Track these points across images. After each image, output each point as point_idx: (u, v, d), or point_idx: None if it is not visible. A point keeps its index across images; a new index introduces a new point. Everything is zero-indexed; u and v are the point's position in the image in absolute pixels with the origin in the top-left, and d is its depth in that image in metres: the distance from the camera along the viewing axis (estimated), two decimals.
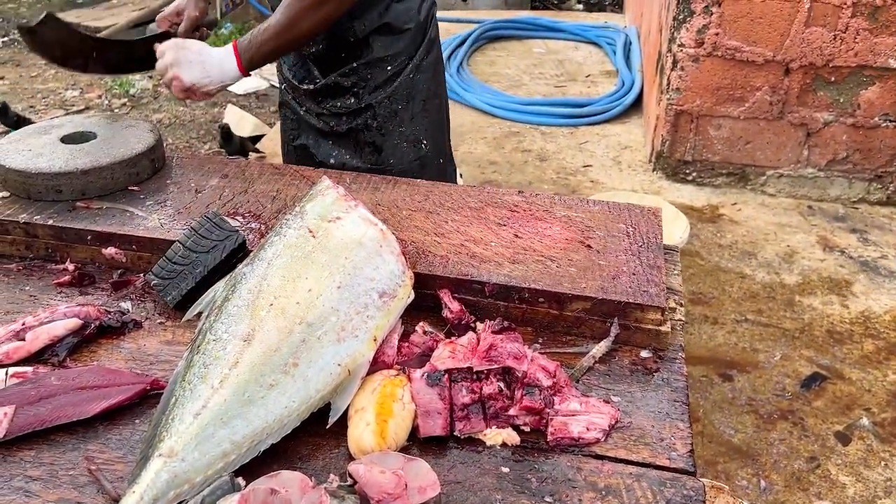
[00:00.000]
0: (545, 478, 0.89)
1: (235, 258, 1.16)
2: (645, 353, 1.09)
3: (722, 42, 3.26)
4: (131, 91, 4.92)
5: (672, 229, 2.65)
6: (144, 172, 1.42)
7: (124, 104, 4.77)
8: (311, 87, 1.75)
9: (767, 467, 2.10)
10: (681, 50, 3.33)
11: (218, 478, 0.84)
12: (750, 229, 3.24)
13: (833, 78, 3.23)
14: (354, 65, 1.70)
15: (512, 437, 0.94)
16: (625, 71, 4.57)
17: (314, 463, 0.91)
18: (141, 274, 1.24)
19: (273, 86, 5.05)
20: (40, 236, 1.29)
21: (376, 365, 1.00)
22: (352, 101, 1.73)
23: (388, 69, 1.71)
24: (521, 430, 0.95)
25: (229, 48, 1.50)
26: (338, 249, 1.04)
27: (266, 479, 0.83)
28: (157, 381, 0.99)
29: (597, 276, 1.15)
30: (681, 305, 1.18)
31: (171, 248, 1.17)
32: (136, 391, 0.97)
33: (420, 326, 1.08)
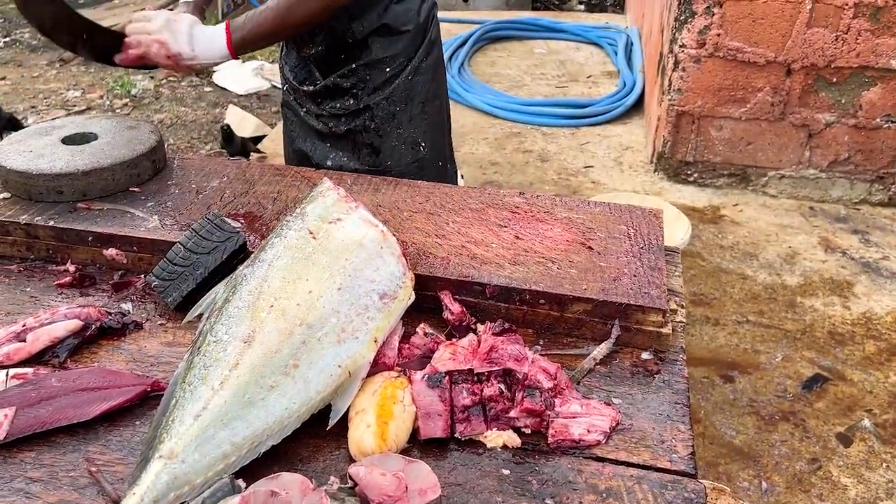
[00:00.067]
0: (546, 480, 0.89)
1: (236, 259, 1.16)
2: (646, 355, 1.09)
3: (723, 43, 3.26)
4: (133, 91, 4.93)
5: (673, 230, 2.65)
6: (145, 173, 1.42)
7: (125, 104, 4.78)
8: (312, 89, 1.75)
9: (769, 469, 2.10)
10: (682, 51, 3.33)
11: (218, 479, 0.84)
12: (751, 230, 3.23)
13: (835, 79, 3.23)
14: (354, 66, 1.70)
15: (513, 439, 0.94)
16: (626, 72, 4.56)
17: (314, 465, 0.91)
18: (142, 275, 1.24)
19: (274, 86, 5.05)
20: (41, 237, 1.29)
21: (377, 366, 1.00)
22: (351, 103, 1.73)
23: (387, 70, 1.71)
24: (522, 433, 0.95)
25: (221, 26, 1.48)
26: (338, 251, 1.04)
27: (266, 481, 0.83)
28: (158, 383, 0.99)
29: (598, 278, 1.14)
30: (682, 307, 1.18)
31: (172, 250, 1.17)
32: (137, 393, 0.97)
33: (421, 328, 1.07)
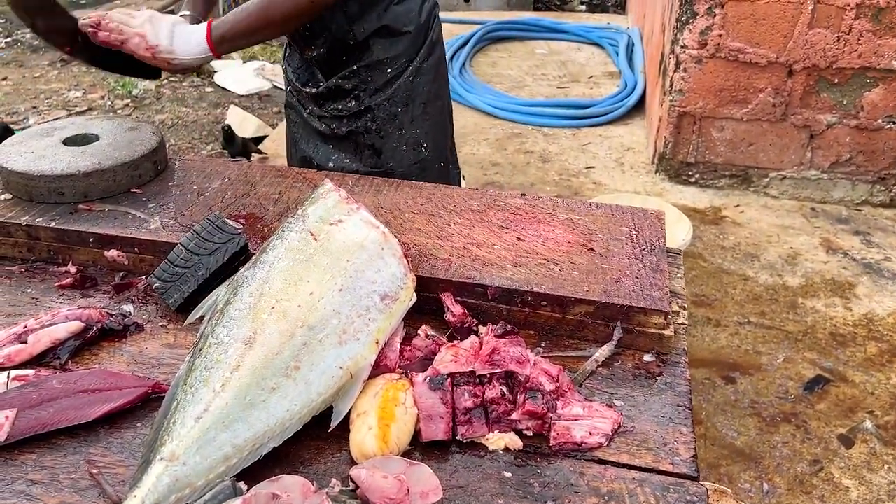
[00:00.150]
0: (548, 483, 0.89)
1: (237, 261, 1.16)
2: (648, 357, 1.09)
3: (725, 43, 3.25)
4: (134, 92, 4.93)
5: (675, 231, 2.64)
6: (147, 174, 1.42)
7: (127, 105, 4.78)
8: (314, 91, 1.75)
9: (770, 470, 2.10)
10: (684, 51, 3.32)
11: (219, 482, 0.84)
12: (753, 231, 3.23)
13: (836, 80, 3.23)
14: (355, 67, 1.70)
15: (514, 442, 0.94)
16: (627, 72, 4.56)
17: (316, 467, 0.91)
18: (143, 277, 1.24)
19: (276, 87, 5.05)
20: (42, 238, 1.28)
21: (378, 368, 0.99)
22: (353, 104, 1.72)
23: (388, 72, 1.71)
24: (524, 435, 0.95)
25: (203, 23, 1.46)
26: (339, 252, 1.03)
27: (268, 484, 0.83)
28: (159, 385, 0.99)
29: (600, 280, 1.14)
30: (684, 309, 1.18)
31: (174, 251, 1.17)
32: (138, 394, 0.97)
33: (422, 330, 1.07)
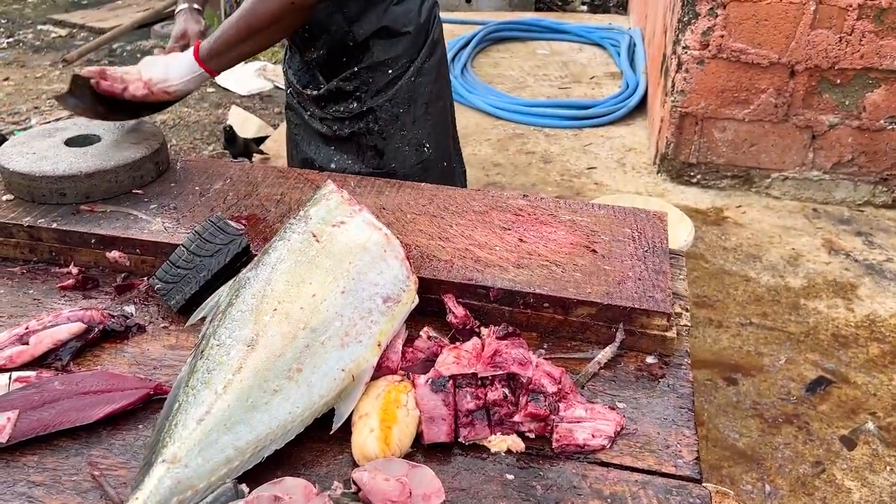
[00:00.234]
0: (550, 485, 0.89)
1: (239, 262, 1.16)
2: (650, 359, 1.09)
3: (727, 44, 3.25)
4: None
5: (676, 232, 2.64)
6: (148, 175, 1.42)
7: None
8: (315, 93, 1.75)
9: (772, 472, 2.09)
10: (685, 52, 3.32)
11: (221, 484, 0.84)
12: (754, 232, 3.23)
13: (838, 80, 3.22)
14: (356, 69, 1.70)
15: (517, 444, 0.93)
16: (629, 73, 4.56)
17: (318, 469, 0.90)
18: (145, 278, 1.24)
19: (277, 87, 5.05)
20: (44, 239, 1.28)
21: (380, 370, 0.99)
22: (354, 106, 1.72)
23: (390, 72, 1.71)
24: (526, 437, 0.95)
25: (192, 46, 1.46)
26: (342, 254, 1.03)
27: (269, 486, 0.83)
28: (161, 386, 0.99)
29: (602, 282, 1.14)
30: (686, 311, 1.17)
31: (175, 252, 1.17)
32: (140, 396, 0.97)
33: (424, 331, 1.07)
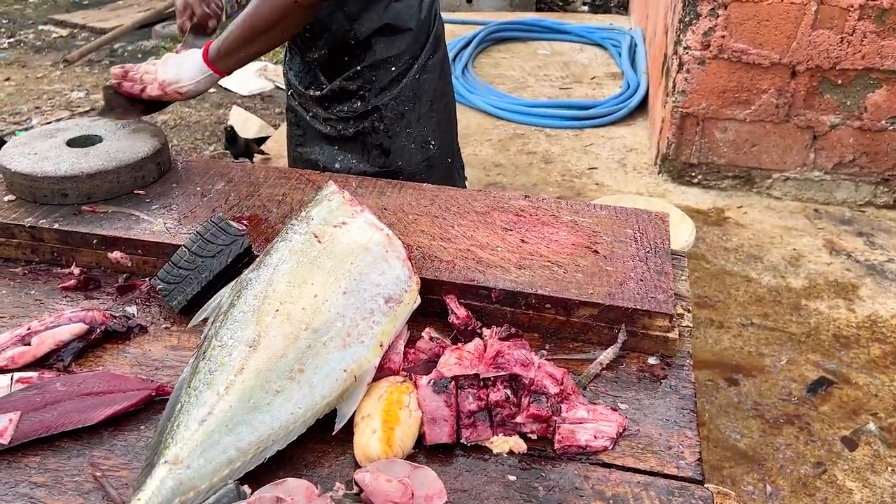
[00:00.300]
0: (552, 486, 0.89)
1: (241, 263, 1.16)
2: (652, 360, 1.08)
3: (728, 44, 3.25)
4: None
5: (678, 232, 2.64)
6: (150, 176, 1.42)
7: None
8: (318, 93, 1.74)
9: (773, 472, 2.09)
10: (687, 52, 3.32)
11: (223, 485, 0.84)
12: (756, 232, 3.23)
13: (840, 81, 3.22)
14: (359, 68, 1.69)
15: (519, 445, 0.93)
16: (630, 73, 4.56)
17: (320, 470, 0.90)
18: (146, 278, 1.24)
19: (278, 87, 5.05)
20: (46, 240, 1.28)
21: (382, 371, 0.99)
22: (358, 105, 1.72)
23: (393, 70, 1.70)
24: (528, 438, 0.94)
25: (202, 48, 1.48)
26: (344, 255, 1.03)
27: (271, 487, 0.83)
28: (163, 387, 0.99)
29: (604, 282, 1.14)
30: (688, 311, 1.17)
31: (177, 253, 1.17)
32: (142, 397, 0.97)
33: (426, 332, 1.07)
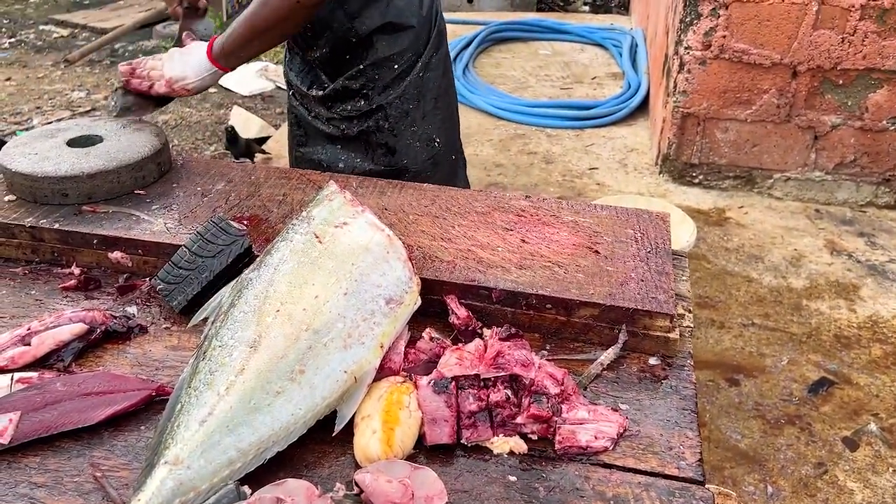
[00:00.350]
0: (553, 487, 0.89)
1: (241, 263, 1.16)
2: (653, 361, 1.08)
3: (729, 45, 3.25)
4: None
5: (678, 232, 2.63)
6: (151, 176, 1.42)
7: None
8: (320, 93, 1.74)
9: (774, 473, 2.09)
10: (687, 52, 3.32)
11: (223, 486, 0.83)
12: (757, 233, 3.22)
13: (841, 81, 3.22)
14: (361, 66, 1.68)
15: (519, 446, 0.93)
16: (631, 73, 4.55)
17: (320, 471, 0.90)
18: (147, 278, 1.24)
19: (279, 87, 5.05)
20: (46, 240, 1.28)
21: (383, 372, 0.99)
22: (362, 104, 1.71)
23: (396, 68, 1.69)
24: (529, 439, 0.94)
25: (206, 42, 1.49)
26: (344, 255, 1.03)
27: (272, 488, 0.83)
28: (163, 388, 0.99)
29: (605, 283, 1.14)
30: (689, 312, 1.17)
31: (177, 253, 1.17)
32: (142, 397, 0.97)
33: (427, 333, 1.07)
